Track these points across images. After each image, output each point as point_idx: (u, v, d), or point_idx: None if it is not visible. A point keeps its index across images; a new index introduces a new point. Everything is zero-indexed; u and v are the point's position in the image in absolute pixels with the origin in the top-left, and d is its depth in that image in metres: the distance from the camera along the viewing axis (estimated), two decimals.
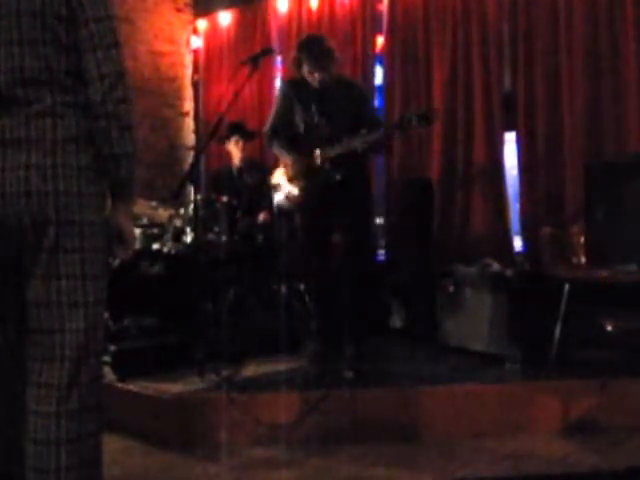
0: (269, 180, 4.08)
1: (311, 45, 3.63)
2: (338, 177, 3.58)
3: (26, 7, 1.69)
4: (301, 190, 3.74)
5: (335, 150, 3.53)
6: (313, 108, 3.67)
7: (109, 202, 1.83)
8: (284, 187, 3.85)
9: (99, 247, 1.77)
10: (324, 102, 3.66)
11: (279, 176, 3.91)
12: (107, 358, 3.24)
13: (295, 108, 3.73)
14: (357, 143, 3.44)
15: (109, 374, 3.24)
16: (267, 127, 3.89)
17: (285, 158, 3.82)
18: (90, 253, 1.73)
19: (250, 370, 3.44)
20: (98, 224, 1.75)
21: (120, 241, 1.86)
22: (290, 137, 3.79)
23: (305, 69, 3.61)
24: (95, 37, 1.71)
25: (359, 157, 3.58)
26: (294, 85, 3.77)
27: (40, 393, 1.69)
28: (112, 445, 1.78)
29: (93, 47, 1.71)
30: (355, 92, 3.79)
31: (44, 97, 1.70)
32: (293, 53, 3.69)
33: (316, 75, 3.59)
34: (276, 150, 3.90)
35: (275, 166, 4.04)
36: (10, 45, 1.69)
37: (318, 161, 3.61)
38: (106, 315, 3.53)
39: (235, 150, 4.89)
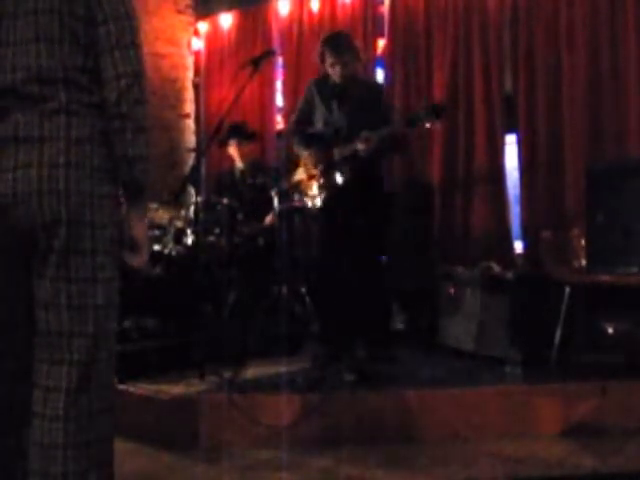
0: (272, 182, 4.08)
1: (335, 39, 3.71)
2: (350, 175, 3.59)
3: (44, 5, 1.67)
4: (319, 188, 3.75)
5: (348, 149, 3.57)
6: (333, 105, 3.71)
7: (124, 206, 1.79)
8: (304, 186, 3.86)
9: (110, 249, 1.73)
10: (345, 100, 3.69)
11: (299, 175, 3.91)
12: None
13: (317, 105, 3.78)
14: (359, 145, 3.48)
15: None
16: (290, 125, 3.96)
17: (304, 156, 3.84)
18: (101, 255, 1.70)
19: (251, 372, 3.44)
20: (110, 226, 1.72)
21: (133, 247, 1.80)
22: (309, 135, 3.83)
23: (327, 62, 3.67)
24: (113, 36, 1.68)
25: (374, 157, 3.60)
26: (318, 82, 3.83)
27: (47, 396, 1.67)
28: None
29: (110, 46, 1.68)
30: (376, 93, 3.85)
31: (59, 95, 1.67)
32: (318, 48, 3.74)
33: (337, 68, 3.64)
34: (296, 148, 3.94)
35: (296, 165, 4.04)
36: (27, 43, 1.67)
37: (335, 159, 3.64)
38: None
39: (235, 153, 4.88)
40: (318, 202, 3.74)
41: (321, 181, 3.71)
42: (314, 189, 3.76)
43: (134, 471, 2.72)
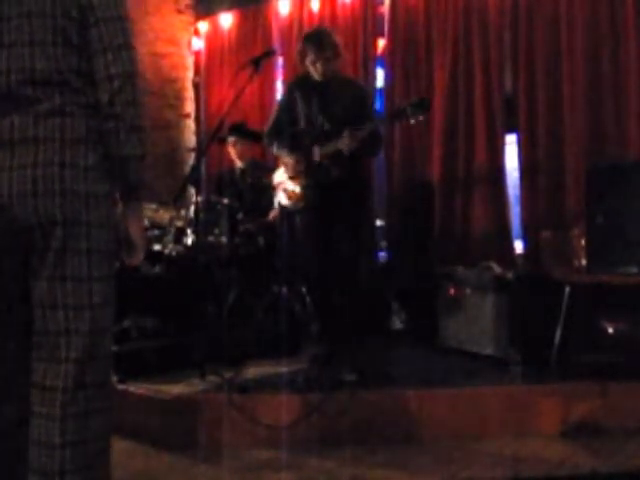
0: (271, 180, 4.09)
1: (316, 35, 3.68)
2: (336, 173, 3.58)
3: (37, 8, 1.68)
4: (302, 188, 3.73)
5: (331, 147, 3.54)
6: (314, 103, 3.68)
7: (120, 205, 1.81)
8: (285, 187, 3.85)
9: (107, 248, 1.75)
10: (326, 98, 3.66)
11: (279, 176, 3.91)
12: None
13: (298, 103, 3.75)
14: (342, 143, 3.45)
15: None
16: (267, 127, 3.92)
17: (285, 158, 3.81)
18: (97, 254, 1.71)
19: (251, 372, 3.44)
20: (106, 225, 1.74)
21: (129, 246, 1.83)
22: (290, 135, 3.79)
23: (309, 59, 3.63)
24: (105, 38, 1.70)
25: (357, 156, 3.58)
26: (298, 81, 3.81)
27: (44, 395, 1.68)
28: (112, 447, 1.79)
29: (103, 48, 1.70)
30: (357, 92, 3.81)
31: (53, 97, 1.69)
32: (299, 45, 3.71)
33: (318, 66, 3.61)
34: (276, 150, 3.91)
35: (276, 166, 4.04)
36: (21, 46, 1.69)
37: (317, 158, 3.62)
38: None
39: (233, 151, 4.88)
40: (301, 202, 3.74)
41: (304, 181, 3.70)
42: (297, 189, 3.75)
43: (134, 471, 2.72)
